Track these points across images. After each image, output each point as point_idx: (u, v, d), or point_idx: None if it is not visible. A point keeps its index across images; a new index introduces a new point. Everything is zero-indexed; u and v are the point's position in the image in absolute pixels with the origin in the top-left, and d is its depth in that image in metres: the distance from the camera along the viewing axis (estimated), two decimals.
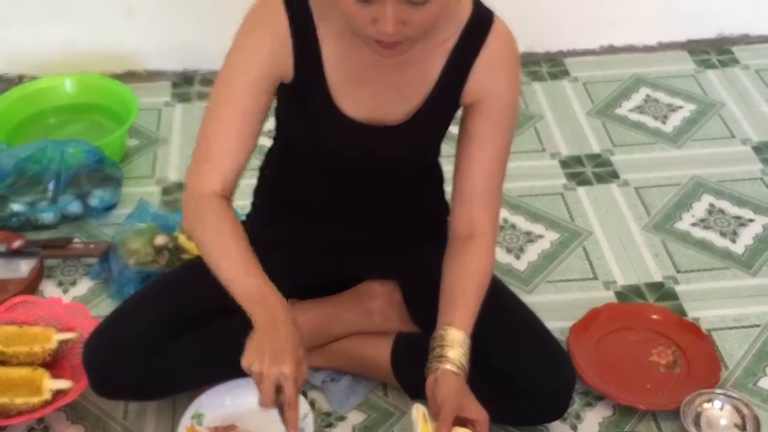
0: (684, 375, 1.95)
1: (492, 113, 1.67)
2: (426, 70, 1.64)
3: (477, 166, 1.69)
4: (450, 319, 1.64)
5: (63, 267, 2.23)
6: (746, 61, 2.96)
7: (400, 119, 1.67)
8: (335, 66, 1.62)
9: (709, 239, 2.31)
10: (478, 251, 1.70)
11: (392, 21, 1.42)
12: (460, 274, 1.68)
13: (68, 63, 2.80)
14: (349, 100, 1.64)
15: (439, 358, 1.61)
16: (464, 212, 1.71)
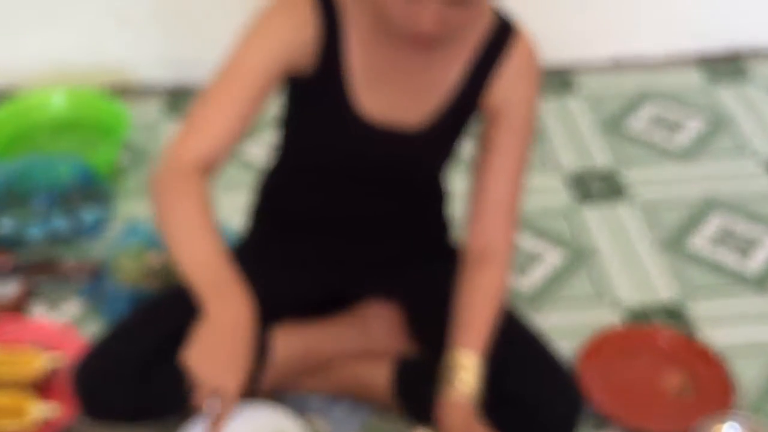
0: (696, 399, 1.94)
1: (512, 125, 1.68)
2: (447, 73, 1.64)
3: (495, 178, 1.69)
4: (463, 341, 1.64)
5: (52, 286, 2.20)
6: (757, 75, 2.93)
7: (416, 122, 1.66)
8: (357, 64, 1.61)
9: (721, 258, 2.29)
10: (492, 273, 1.70)
11: (434, 18, 1.43)
12: (474, 297, 1.68)
13: (58, 75, 2.78)
14: (366, 99, 1.63)
15: (450, 381, 1.61)
16: (481, 226, 1.71)
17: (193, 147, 1.55)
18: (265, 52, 1.57)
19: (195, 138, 1.56)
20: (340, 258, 1.83)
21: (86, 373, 1.71)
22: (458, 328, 1.66)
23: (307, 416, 1.88)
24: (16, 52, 2.79)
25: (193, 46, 2.81)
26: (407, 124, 1.66)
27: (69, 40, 2.78)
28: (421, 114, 1.66)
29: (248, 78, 1.57)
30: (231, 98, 1.57)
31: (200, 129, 1.57)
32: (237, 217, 1.91)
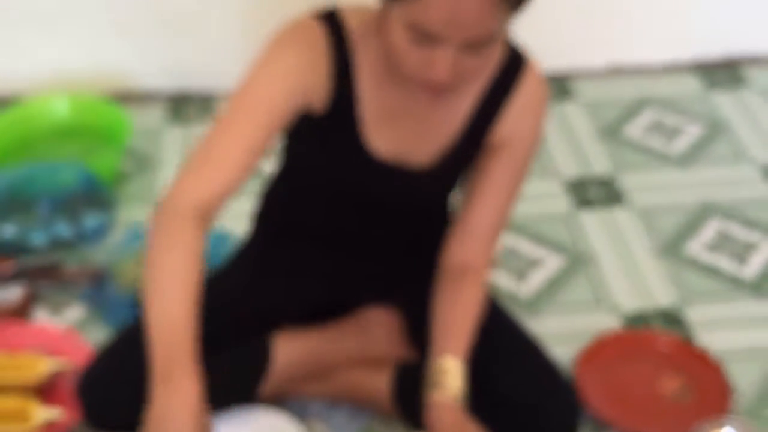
0: (694, 403, 1.94)
1: (511, 155, 1.67)
2: (456, 111, 1.63)
3: (486, 204, 1.69)
4: (443, 348, 1.64)
5: (55, 292, 2.21)
6: (754, 82, 2.93)
7: (426, 158, 1.65)
8: (368, 102, 1.59)
9: (718, 263, 2.29)
10: (471, 285, 1.70)
11: (447, 66, 1.41)
12: (455, 307, 1.69)
13: (60, 83, 2.79)
14: (377, 136, 1.61)
15: (435, 387, 1.61)
16: (462, 247, 1.71)
17: (192, 191, 1.49)
18: (275, 91, 1.52)
19: (195, 181, 1.50)
20: (341, 269, 1.83)
21: (89, 382, 1.72)
22: (440, 338, 1.67)
23: (307, 421, 1.88)
24: (19, 60, 2.80)
25: (193, 53, 2.82)
26: (416, 161, 1.65)
27: (71, 48, 2.78)
28: (431, 152, 1.65)
29: (256, 117, 1.51)
30: (237, 139, 1.51)
31: (201, 172, 1.50)
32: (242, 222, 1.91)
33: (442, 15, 1.36)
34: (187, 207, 1.47)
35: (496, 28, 1.40)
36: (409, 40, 1.41)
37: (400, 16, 1.40)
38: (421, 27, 1.38)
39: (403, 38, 1.41)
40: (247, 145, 1.51)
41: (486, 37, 1.40)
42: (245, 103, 1.53)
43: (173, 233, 1.46)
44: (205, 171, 1.50)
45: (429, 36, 1.39)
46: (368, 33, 1.55)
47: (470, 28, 1.38)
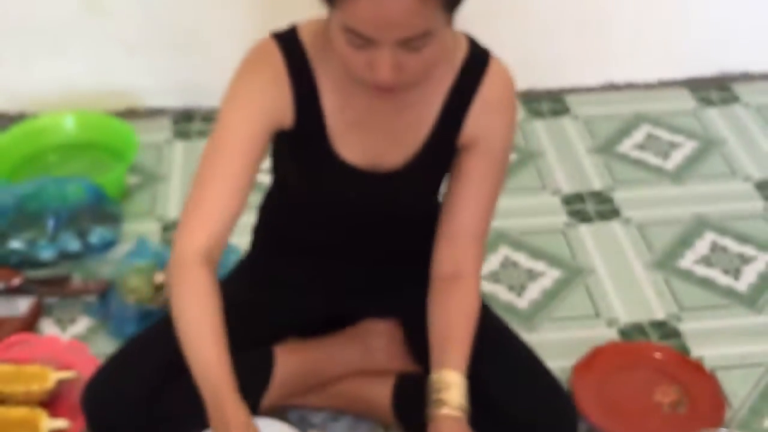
0: (688, 414, 1.94)
1: (487, 154, 1.66)
2: (423, 113, 1.63)
3: (467, 206, 1.67)
4: (443, 361, 1.62)
5: (62, 305, 2.22)
6: (747, 99, 2.97)
7: (398, 164, 1.66)
8: (334, 112, 1.60)
9: (712, 277, 2.31)
10: (465, 292, 1.69)
11: (387, 66, 1.41)
12: (449, 316, 1.67)
13: (68, 100, 2.80)
14: (348, 146, 1.63)
15: (437, 402, 1.59)
16: (450, 252, 1.69)
17: (193, 240, 1.55)
18: (246, 123, 1.56)
19: (194, 230, 1.56)
20: (336, 282, 1.83)
21: (94, 394, 1.72)
22: (437, 351, 1.65)
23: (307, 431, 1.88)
24: (29, 78, 2.82)
25: (199, 72, 2.85)
26: (389, 164, 1.66)
27: (80, 67, 2.81)
28: (403, 154, 1.65)
29: (235, 151, 1.56)
30: (222, 177, 1.56)
31: (197, 220, 1.56)
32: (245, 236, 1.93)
33: (370, 17, 1.37)
34: (192, 255, 1.54)
35: (430, 25, 1.40)
36: (349, 44, 1.42)
37: (337, 22, 1.42)
38: (355, 30, 1.39)
39: (343, 42, 1.43)
40: (233, 183, 1.57)
41: (420, 35, 1.40)
42: (222, 142, 1.58)
43: (186, 284, 1.55)
44: (200, 218, 1.57)
45: (364, 38, 1.40)
46: (325, 45, 1.56)
47: (401, 28, 1.38)
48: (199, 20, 2.76)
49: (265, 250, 1.90)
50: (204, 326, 1.53)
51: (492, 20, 1.51)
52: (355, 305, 1.89)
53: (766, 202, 2.54)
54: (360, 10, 1.37)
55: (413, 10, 1.36)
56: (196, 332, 1.53)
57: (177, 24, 2.76)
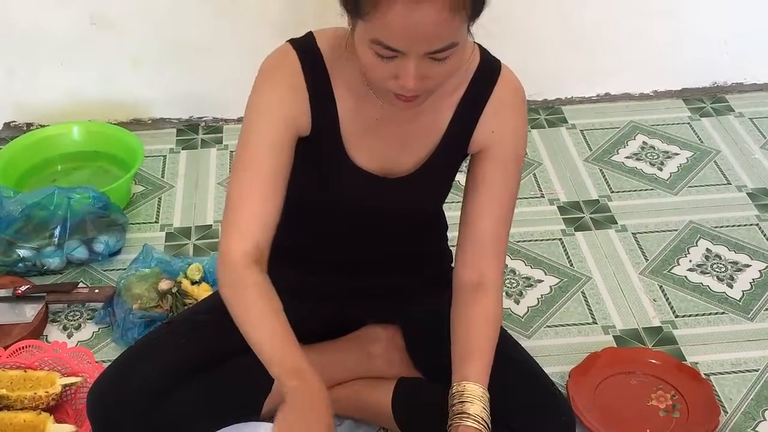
0: (683, 419, 1.95)
1: (500, 159, 1.67)
2: (435, 120, 1.65)
3: (486, 213, 1.68)
4: (466, 374, 1.61)
5: (68, 312, 2.25)
6: (740, 109, 3.00)
7: (410, 170, 1.67)
8: (349, 119, 1.62)
9: (707, 284, 2.33)
10: (488, 301, 1.68)
11: (414, 76, 1.43)
12: (472, 326, 1.66)
13: (75, 111, 2.83)
14: (361, 152, 1.65)
15: (460, 414, 1.57)
16: (472, 260, 1.69)
17: (239, 247, 1.56)
18: (273, 132, 1.58)
19: (237, 237, 1.57)
20: (341, 290, 1.83)
21: (99, 399, 1.72)
22: (461, 361, 1.63)
23: None
24: (37, 89, 2.84)
25: (203, 83, 2.88)
26: (400, 169, 1.67)
27: (87, 79, 2.83)
28: (414, 159, 1.67)
29: (265, 157, 1.57)
30: (257, 183, 1.57)
31: (239, 226, 1.58)
32: None
33: (400, 30, 1.38)
34: (241, 261, 1.56)
35: (457, 37, 1.42)
36: (375, 56, 1.44)
37: (363, 34, 1.43)
38: (383, 43, 1.41)
39: (369, 54, 1.44)
40: (270, 190, 1.58)
41: (448, 46, 1.42)
42: (250, 152, 1.59)
43: (243, 291, 1.56)
44: (239, 230, 1.58)
45: (393, 50, 1.41)
46: (341, 54, 1.58)
47: (431, 40, 1.40)
48: (203, 33, 2.78)
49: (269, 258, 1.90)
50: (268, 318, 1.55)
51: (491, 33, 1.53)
52: (356, 311, 1.89)
53: (759, 211, 2.57)
54: (391, 23, 1.38)
55: (444, 22, 1.38)
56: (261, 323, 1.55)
57: (182, 37, 2.79)
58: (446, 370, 1.66)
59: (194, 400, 1.75)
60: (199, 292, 2.15)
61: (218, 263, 1.60)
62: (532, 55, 2.82)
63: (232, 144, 2.84)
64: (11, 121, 2.90)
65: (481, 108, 1.64)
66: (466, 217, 1.70)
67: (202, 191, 2.66)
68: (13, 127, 2.90)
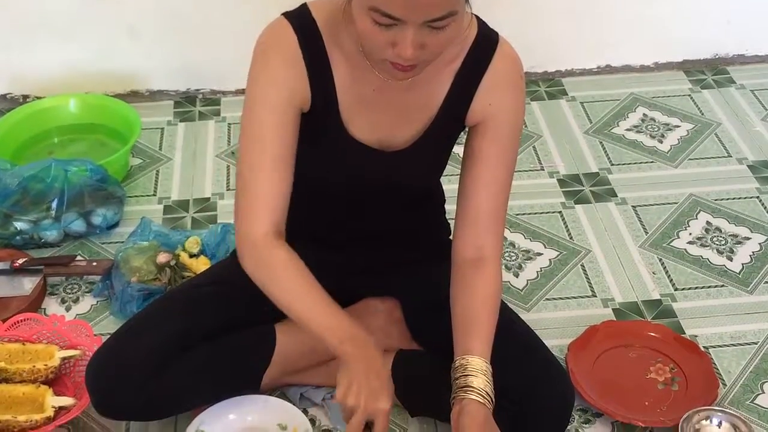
0: (682, 392, 1.96)
1: (497, 133, 1.66)
2: (432, 92, 1.64)
3: (483, 186, 1.68)
4: (469, 348, 1.62)
5: (66, 284, 2.25)
6: (741, 81, 2.99)
7: (407, 142, 1.67)
8: (346, 90, 1.62)
9: (706, 257, 2.33)
10: (487, 275, 1.68)
11: (412, 45, 1.43)
12: (473, 301, 1.66)
13: (72, 83, 2.82)
14: (359, 124, 1.65)
15: (464, 388, 1.58)
16: (470, 234, 1.69)
17: (258, 224, 1.59)
18: (275, 105, 1.58)
19: (253, 217, 1.60)
20: (338, 261, 1.83)
21: (98, 371, 1.73)
22: (463, 335, 1.64)
23: (307, 409, 1.90)
24: (33, 61, 2.83)
25: (200, 55, 2.87)
26: (398, 142, 1.67)
27: (83, 50, 2.82)
28: (411, 131, 1.67)
29: (274, 132, 1.58)
30: (268, 160, 1.58)
31: (255, 205, 1.60)
32: None
33: None
34: (262, 239, 1.59)
35: (455, 5, 1.42)
36: (373, 23, 1.43)
37: (362, 1, 1.43)
38: (382, 10, 1.41)
39: (367, 22, 1.44)
40: (281, 165, 1.60)
41: (446, 14, 1.42)
42: (257, 129, 1.60)
43: (270, 267, 1.60)
44: (255, 209, 1.60)
45: (391, 18, 1.41)
46: (337, 24, 1.58)
47: (431, 9, 1.40)
48: (200, 4, 2.77)
49: None
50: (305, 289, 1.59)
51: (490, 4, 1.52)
52: (355, 285, 1.89)
53: (760, 184, 2.57)
54: None
55: None
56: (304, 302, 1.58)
57: (179, 8, 2.77)
58: (445, 342, 1.67)
59: (193, 372, 1.76)
60: (198, 265, 2.15)
61: (240, 246, 1.62)
62: (532, 26, 2.82)
63: (230, 116, 2.84)
64: (7, 93, 2.90)
65: (479, 80, 1.64)
66: (463, 191, 1.70)
67: (200, 164, 2.66)
68: (9, 99, 2.89)
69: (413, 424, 1.89)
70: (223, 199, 2.51)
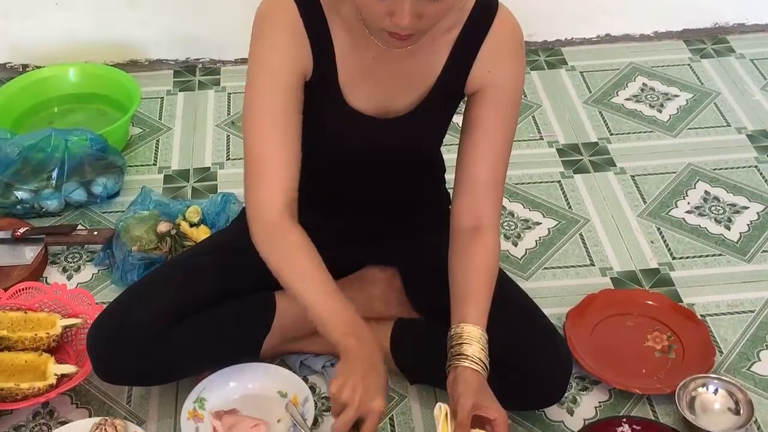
0: (679, 360, 1.97)
1: (496, 101, 1.66)
2: (431, 60, 1.64)
3: (481, 155, 1.67)
4: (464, 316, 1.62)
5: (67, 254, 2.26)
6: (741, 50, 2.98)
7: (405, 109, 1.67)
8: (345, 58, 1.62)
9: (704, 226, 2.34)
10: (485, 244, 1.68)
11: (409, 14, 1.42)
12: (470, 269, 1.66)
13: (71, 52, 2.82)
14: (357, 92, 1.65)
15: (458, 356, 1.59)
16: (468, 203, 1.69)
17: (268, 203, 1.59)
18: (279, 74, 1.58)
19: (264, 193, 1.60)
20: (339, 232, 1.83)
21: (99, 337, 1.75)
22: (459, 303, 1.64)
23: (307, 377, 1.91)
24: (33, 30, 2.83)
25: (200, 24, 2.86)
26: (397, 110, 1.67)
27: (83, 20, 2.81)
28: (410, 99, 1.67)
29: (280, 103, 1.58)
30: (273, 135, 1.58)
31: (264, 182, 1.60)
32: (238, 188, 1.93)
33: None
34: (273, 216, 1.59)
35: None
36: None
37: None
38: None
39: None
40: (289, 138, 1.60)
41: None
42: (261, 102, 1.60)
43: (281, 245, 1.60)
44: (266, 180, 1.60)
45: None
46: None
47: None
48: None
49: None
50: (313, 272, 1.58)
51: None
52: (355, 253, 1.90)
53: (758, 153, 2.57)
54: None
55: None
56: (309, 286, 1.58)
57: None
58: (444, 310, 1.67)
59: (193, 340, 1.77)
60: (198, 234, 2.16)
61: (252, 222, 1.61)
62: None
63: (230, 86, 2.84)
64: (7, 63, 2.89)
65: (478, 47, 1.63)
66: (462, 160, 1.70)
67: (200, 133, 2.66)
68: (8, 68, 2.89)
69: (413, 392, 1.90)
70: (223, 169, 2.52)
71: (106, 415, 1.84)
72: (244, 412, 1.81)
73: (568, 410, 1.88)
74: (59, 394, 1.83)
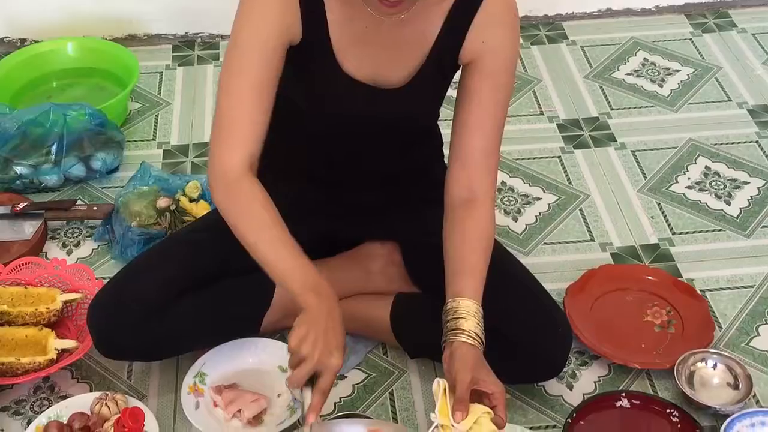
0: (678, 335, 1.97)
1: (491, 71, 1.65)
2: (425, 29, 1.63)
3: (476, 126, 1.66)
4: (460, 290, 1.61)
5: (67, 229, 2.26)
6: (743, 25, 2.97)
7: (401, 80, 1.66)
8: (339, 27, 1.61)
9: (705, 201, 2.34)
10: (479, 216, 1.67)
11: None
12: (465, 242, 1.66)
13: (70, 27, 2.81)
14: (351, 61, 1.64)
15: (454, 330, 1.57)
16: (463, 175, 1.68)
17: (230, 158, 1.59)
18: (263, 39, 1.57)
19: (228, 149, 1.59)
20: (338, 206, 1.84)
21: (99, 312, 1.75)
22: (454, 277, 1.63)
23: None
24: (31, 4, 2.81)
25: None
26: (392, 79, 1.66)
27: None
28: (405, 69, 1.66)
29: (257, 68, 1.57)
30: (249, 94, 1.58)
31: (228, 138, 1.60)
32: None
33: None
34: (233, 171, 1.58)
35: None
36: None
37: None
38: None
39: None
40: (260, 98, 1.59)
41: None
42: (243, 61, 1.59)
43: (240, 198, 1.59)
44: (230, 136, 1.59)
45: None
46: None
47: None
48: None
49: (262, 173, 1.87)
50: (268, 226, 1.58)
51: None
52: (353, 229, 1.90)
53: (759, 128, 2.56)
54: None
55: None
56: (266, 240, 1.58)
57: None
58: (443, 285, 1.66)
59: (193, 315, 1.78)
60: (198, 210, 2.16)
61: (210, 173, 1.61)
62: None
63: None
64: (5, 37, 2.88)
65: (471, 17, 1.62)
66: (456, 131, 1.69)
67: (199, 108, 2.65)
68: (6, 42, 2.88)
69: (412, 367, 1.91)
70: None
71: (106, 389, 1.84)
72: (244, 386, 1.82)
73: (567, 385, 1.89)
74: (60, 369, 1.84)
